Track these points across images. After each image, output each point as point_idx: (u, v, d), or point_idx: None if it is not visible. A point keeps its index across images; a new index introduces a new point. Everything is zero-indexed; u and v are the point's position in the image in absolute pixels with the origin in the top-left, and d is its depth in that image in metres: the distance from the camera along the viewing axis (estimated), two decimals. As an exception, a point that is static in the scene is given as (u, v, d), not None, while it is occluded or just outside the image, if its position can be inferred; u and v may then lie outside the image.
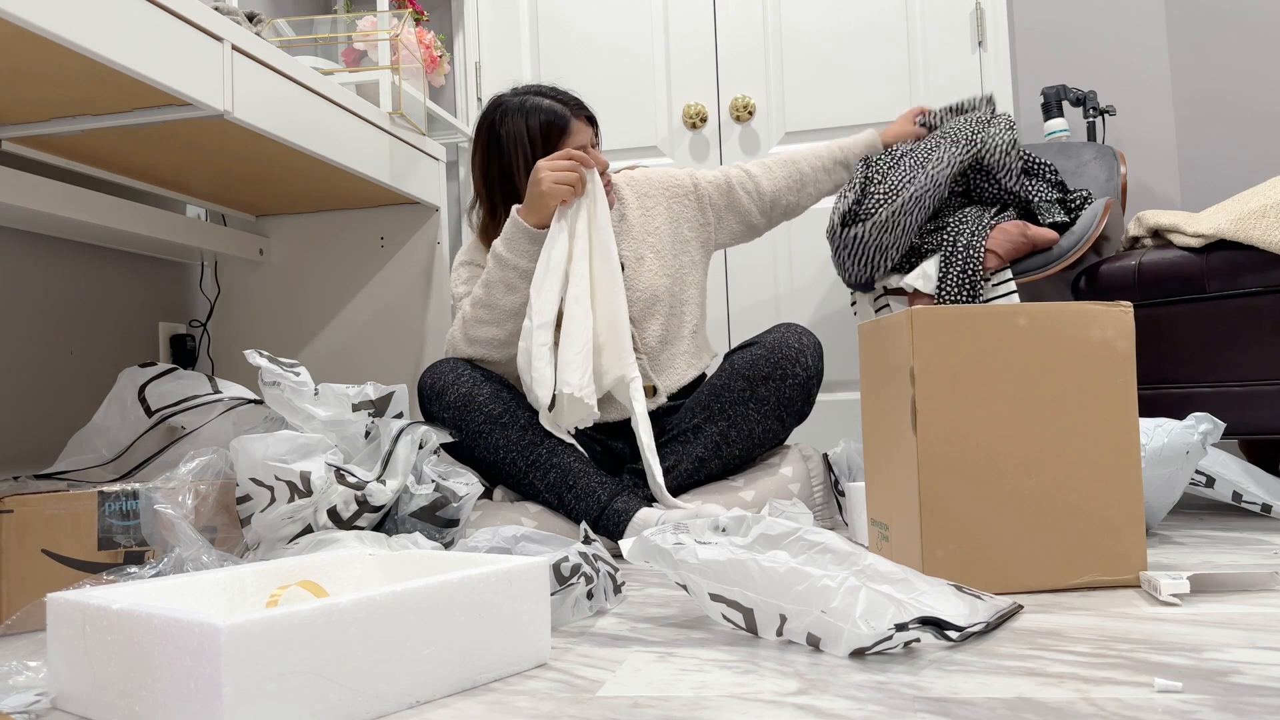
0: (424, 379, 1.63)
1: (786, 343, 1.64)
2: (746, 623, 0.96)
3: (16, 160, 1.77)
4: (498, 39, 2.86)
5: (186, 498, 1.23)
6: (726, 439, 1.63)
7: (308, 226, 2.42)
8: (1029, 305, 1.14)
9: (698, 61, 2.70)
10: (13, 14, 1.15)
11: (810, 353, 1.65)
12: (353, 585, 1.01)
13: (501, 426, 1.58)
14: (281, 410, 1.35)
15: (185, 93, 1.44)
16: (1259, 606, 1.00)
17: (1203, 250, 1.74)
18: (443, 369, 1.62)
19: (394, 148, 2.13)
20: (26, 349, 1.93)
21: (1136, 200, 2.45)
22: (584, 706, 0.76)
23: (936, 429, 1.12)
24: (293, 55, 2.00)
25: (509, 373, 1.66)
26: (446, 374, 1.61)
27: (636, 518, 1.49)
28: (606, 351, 1.56)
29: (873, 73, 2.59)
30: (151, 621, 0.70)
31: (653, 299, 1.72)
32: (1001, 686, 0.77)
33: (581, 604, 1.07)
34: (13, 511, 1.13)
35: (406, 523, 1.35)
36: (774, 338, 1.65)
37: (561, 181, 1.55)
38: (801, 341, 1.65)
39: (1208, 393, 1.74)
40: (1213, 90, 2.40)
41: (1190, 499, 1.90)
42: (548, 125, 1.64)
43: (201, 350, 2.41)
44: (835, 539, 1.00)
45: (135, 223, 1.91)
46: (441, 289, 2.35)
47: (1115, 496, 1.13)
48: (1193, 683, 0.76)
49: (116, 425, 1.51)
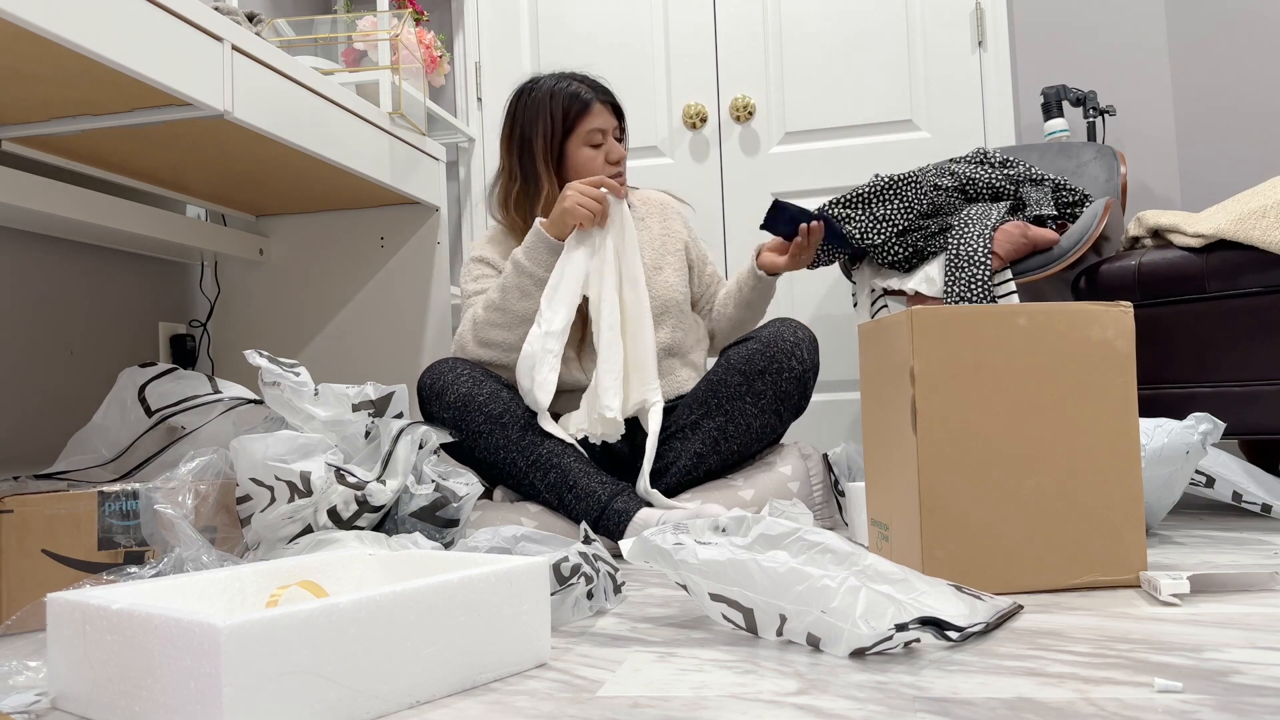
0: (423, 379, 1.63)
1: (782, 336, 1.64)
2: (746, 623, 0.96)
3: (16, 160, 1.77)
4: (498, 39, 2.86)
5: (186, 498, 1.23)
6: (724, 434, 1.63)
7: (308, 226, 2.42)
8: (1029, 305, 1.14)
9: (698, 61, 2.70)
10: (13, 14, 1.15)
11: (806, 346, 1.65)
12: (353, 585, 1.01)
13: (501, 426, 1.58)
14: (281, 410, 1.35)
15: (185, 93, 1.44)
16: (1259, 606, 1.00)
17: (1203, 250, 1.74)
18: (442, 369, 1.63)
19: (394, 148, 2.13)
20: (26, 349, 1.93)
21: (1136, 200, 2.45)
22: (584, 706, 0.76)
23: (936, 429, 1.12)
24: (293, 55, 2.00)
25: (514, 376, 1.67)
26: (446, 374, 1.61)
27: (637, 518, 1.49)
28: (633, 377, 1.62)
29: (873, 73, 2.59)
30: (151, 621, 0.70)
31: (666, 306, 1.76)
32: (1001, 686, 0.77)
33: (581, 604, 1.07)
34: (13, 511, 1.13)
35: (406, 523, 1.35)
36: (769, 332, 1.66)
37: (583, 205, 1.60)
38: (797, 335, 1.65)
39: (1208, 393, 1.74)
40: (1213, 90, 2.40)
41: (1190, 499, 1.90)
42: (570, 99, 1.72)
43: (201, 350, 2.41)
44: (835, 539, 1.00)
45: (135, 223, 1.91)
46: (441, 289, 2.35)
47: (1115, 496, 1.13)
48: (1193, 683, 0.76)
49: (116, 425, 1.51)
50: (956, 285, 1.86)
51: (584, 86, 1.75)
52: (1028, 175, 2.05)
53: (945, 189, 2.02)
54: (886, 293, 2.02)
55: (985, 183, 2.05)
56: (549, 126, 1.72)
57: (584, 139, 1.73)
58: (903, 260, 1.96)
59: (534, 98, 1.75)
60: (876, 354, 1.27)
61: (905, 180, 1.96)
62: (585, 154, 1.73)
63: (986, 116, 2.52)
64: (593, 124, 1.72)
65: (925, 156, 2.54)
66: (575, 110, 1.72)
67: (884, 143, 2.58)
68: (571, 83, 1.75)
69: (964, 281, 1.86)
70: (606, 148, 1.74)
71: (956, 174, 2.06)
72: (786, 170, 2.64)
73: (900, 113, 2.57)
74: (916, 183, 1.96)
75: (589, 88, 1.75)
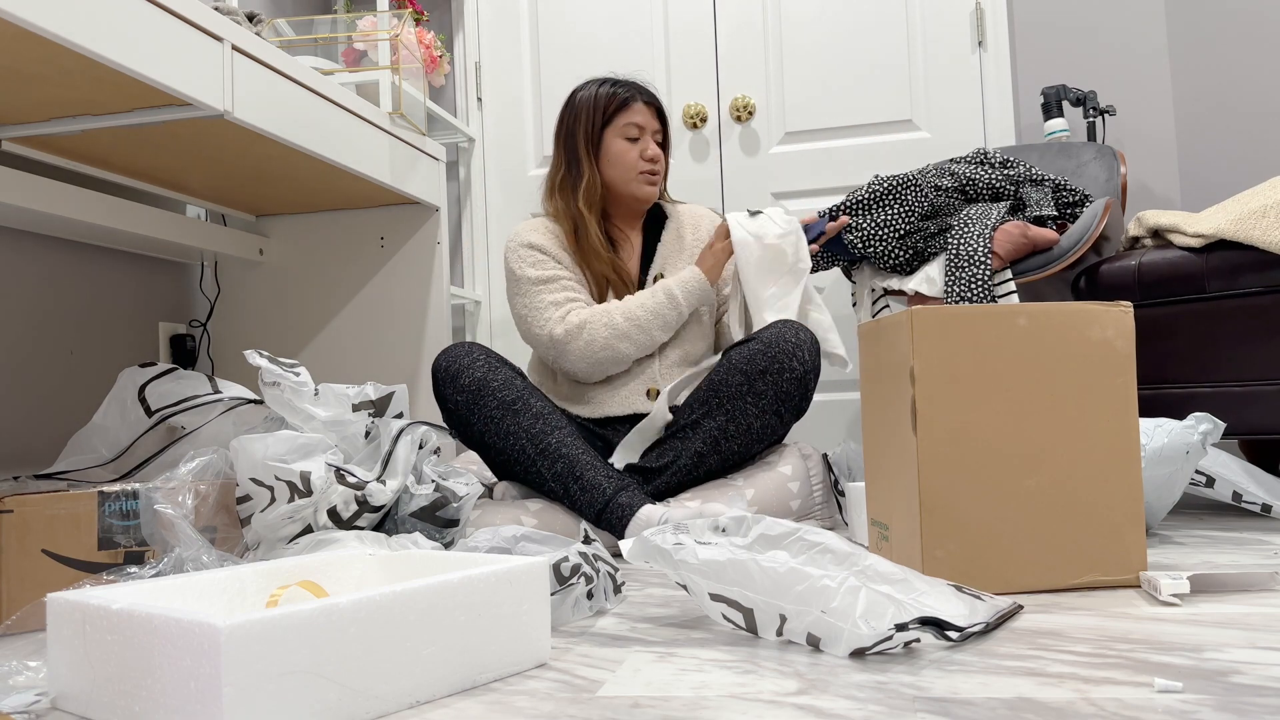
0: (439, 361, 1.65)
1: (784, 337, 1.65)
2: (746, 623, 0.96)
3: (16, 160, 1.77)
4: (498, 39, 2.86)
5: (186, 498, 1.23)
6: (725, 434, 1.64)
7: (308, 226, 2.42)
8: (1029, 305, 1.14)
9: (698, 61, 2.70)
10: (13, 14, 1.15)
11: (807, 348, 1.66)
12: (353, 585, 1.01)
13: (514, 413, 1.60)
14: (281, 410, 1.35)
15: (185, 93, 1.44)
16: (1259, 606, 1.00)
17: (1203, 250, 1.74)
18: (458, 352, 1.65)
19: (394, 148, 2.13)
20: (26, 349, 1.93)
21: (1136, 200, 2.45)
22: (584, 706, 0.76)
23: (936, 429, 1.12)
24: (293, 55, 2.00)
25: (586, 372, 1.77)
26: (462, 357, 1.63)
27: (640, 514, 1.50)
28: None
29: (873, 73, 2.59)
30: (151, 621, 0.70)
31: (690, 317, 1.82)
32: (1001, 686, 0.77)
33: (581, 604, 1.07)
34: (13, 511, 1.13)
35: (406, 523, 1.35)
36: (771, 333, 1.66)
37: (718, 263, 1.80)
38: (799, 337, 1.66)
39: (1208, 393, 1.74)
40: (1213, 90, 2.40)
41: (1190, 499, 1.90)
42: (611, 96, 1.85)
43: (201, 350, 2.41)
44: (835, 539, 1.00)
45: (135, 223, 1.91)
46: (441, 289, 2.35)
47: (1115, 496, 1.13)
48: (1193, 683, 0.76)
49: (116, 425, 1.51)
50: (957, 285, 1.86)
51: (627, 85, 1.86)
52: (1028, 175, 2.05)
53: (945, 189, 2.02)
54: (887, 293, 2.02)
55: (985, 183, 2.05)
56: (590, 117, 1.84)
57: (621, 131, 1.83)
58: (904, 263, 1.96)
59: (584, 93, 1.87)
60: (876, 354, 1.27)
61: (904, 184, 1.96)
62: (620, 145, 1.83)
63: (986, 116, 2.52)
64: (631, 119, 1.83)
65: (925, 156, 2.54)
66: (616, 104, 1.84)
67: (884, 143, 2.58)
68: (617, 82, 1.87)
69: (964, 281, 1.86)
70: (642, 144, 1.83)
71: (956, 174, 2.06)
72: (786, 170, 2.64)
73: (900, 113, 2.57)
74: (916, 185, 1.96)
75: (632, 87, 1.86)
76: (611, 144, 1.83)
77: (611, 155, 1.83)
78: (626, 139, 1.82)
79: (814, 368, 1.67)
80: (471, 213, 2.87)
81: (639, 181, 1.83)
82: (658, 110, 1.87)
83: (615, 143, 1.83)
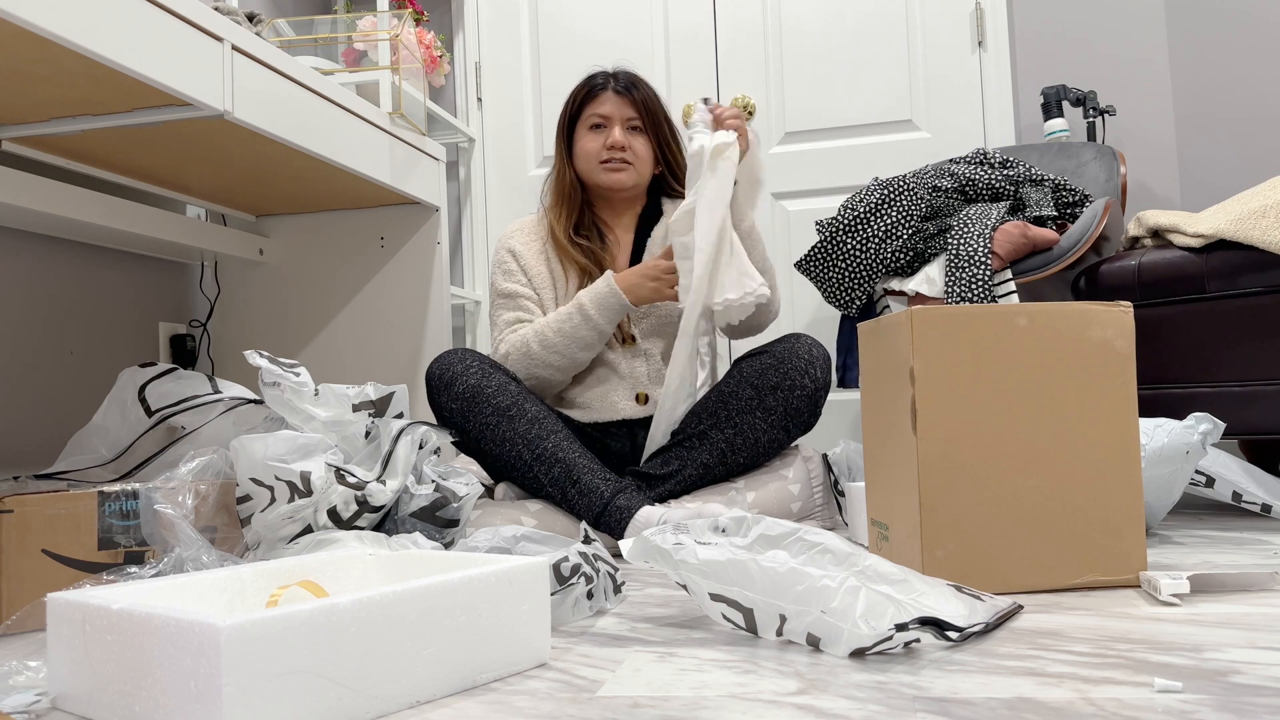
0: (432, 369, 1.64)
1: (796, 353, 1.64)
2: (746, 623, 0.96)
3: (16, 160, 1.77)
4: (498, 39, 2.86)
5: (186, 498, 1.23)
6: (733, 447, 1.63)
7: (308, 226, 2.42)
8: (1029, 305, 1.14)
9: (698, 61, 2.70)
10: (12, 14, 1.15)
11: (820, 365, 1.65)
12: (353, 585, 1.01)
13: (509, 419, 1.59)
14: (281, 410, 1.35)
15: (185, 93, 1.44)
16: (1259, 606, 1.00)
17: (1203, 250, 1.74)
18: (451, 359, 1.63)
19: (394, 148, 2.13)
20: (26, 349, 1.93)
21: (1136, 200, 2.45)
22: (584, 706, 0.76)
23: (936, 429, 1.12)
24: (293, 55, 2.00)
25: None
26: (455, 364, 1.62)
27: (638, 516, 1.49)
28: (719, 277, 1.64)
29: (873, 73, 2.59)
30: (151, 621, 0.70)
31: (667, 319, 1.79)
32: (1001, 686, 0.77)
33: (581, 604, 1.07)
34: (13, 511, 1.13)
35: (406, 523, 1.35)
36: (784, 347, 1.65)
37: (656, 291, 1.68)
38: (812, 353, 1.65)
39: (1208, 393, 1.74)
40: (1213, 90, 2.40)
41: (1190, 499, 1.90)
42: (582, 86, 1.83)
43: (201, 350, 2.41)
44: (835, 539, 1.00)
45: (135, 223, 1.91)
46: (441, 289, 2.35)
47: (1115, 496, 1.13)
48: (1193, 683, 0.76)
49: (116, 425, 1.51)
50: (957, 285, 1.86)
51: (602, 75, 1.82)
52: (1027, 175, 2.05)
53: (944, 190, 2.02)
54: (887, 293, 2.02)
55: (985, 183, 2.05)
56: (564, 111, 1.85)
57: (586, 121, 1.81)
58: (905, 266, 1.96)
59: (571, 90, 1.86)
60: (876, 354, 1.27)
61: (900, 189, 1.96)
62: (584, 136, 1.81)
63: (986, 116, 2.52)
64: (597, 109, 1.80)
65: (925, 156, 2.54)
66: (582, 96, 1.82)
67: (884, 143, 2.58)
68: (595, 73, 1.84)
69: (964, 282, 1.86)
70: (606, 133, 1.79)
71: (956, 175, 2.06)
72: (786, 170, 2.64)
73: (900, 113, 2.57)
74: (912, 190, 1.96)
75: (605, 77, 1.82)
76: (579, 136, 1.82)
77: (578, 148, 1.82)
78: (591, 128, 1.80)
79: (825, 385, 1.67)
80: (471, 213, 2.87)
81: (601, 171, 1.79)
82: (634, 99, 1.80)
83: (581, 134, 1.81)
